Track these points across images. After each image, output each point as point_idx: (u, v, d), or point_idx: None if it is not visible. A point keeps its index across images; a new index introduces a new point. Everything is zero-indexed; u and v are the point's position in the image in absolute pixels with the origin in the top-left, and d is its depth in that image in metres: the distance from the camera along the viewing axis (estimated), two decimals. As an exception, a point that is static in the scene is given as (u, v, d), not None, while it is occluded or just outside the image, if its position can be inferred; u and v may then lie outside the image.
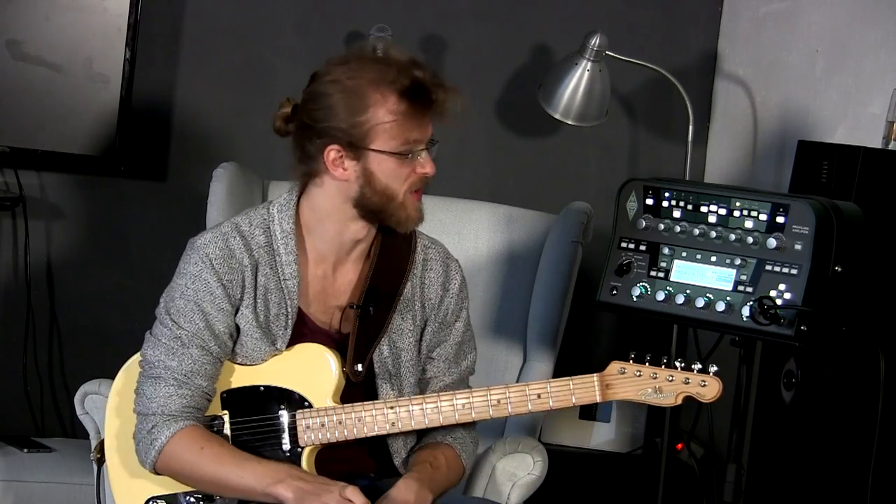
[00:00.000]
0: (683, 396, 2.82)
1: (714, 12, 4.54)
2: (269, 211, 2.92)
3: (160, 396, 2.83)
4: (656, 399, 2.83)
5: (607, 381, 2.84)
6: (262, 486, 2.76)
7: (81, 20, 3.96)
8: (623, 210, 3.23)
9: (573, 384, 2.84)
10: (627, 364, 2.84)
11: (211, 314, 2.86)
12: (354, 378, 2.87)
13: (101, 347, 4.14)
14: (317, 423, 2.85)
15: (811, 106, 4.11)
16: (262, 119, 4.25)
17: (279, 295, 2.89)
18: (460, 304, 3.00)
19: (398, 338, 2.93)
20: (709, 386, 2.80)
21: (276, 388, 2.88)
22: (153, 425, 2.82)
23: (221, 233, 2.90)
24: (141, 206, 4.20)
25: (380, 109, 2.80)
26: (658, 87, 4.38)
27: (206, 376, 2.85)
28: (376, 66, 2.82)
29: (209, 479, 2.82)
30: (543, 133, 4.45)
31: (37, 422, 4.15)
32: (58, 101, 3.97)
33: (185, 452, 2.81)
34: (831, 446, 3.34)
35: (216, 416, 2.88)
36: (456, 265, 3.01)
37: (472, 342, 3.04)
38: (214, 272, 2.86)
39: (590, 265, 3.79)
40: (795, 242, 3.03)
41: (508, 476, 3.15)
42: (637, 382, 2.83)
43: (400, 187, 2.83)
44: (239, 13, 4.23)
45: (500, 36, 4.41)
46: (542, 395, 2.84)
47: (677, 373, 2.81)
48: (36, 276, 4.10)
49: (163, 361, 2.84)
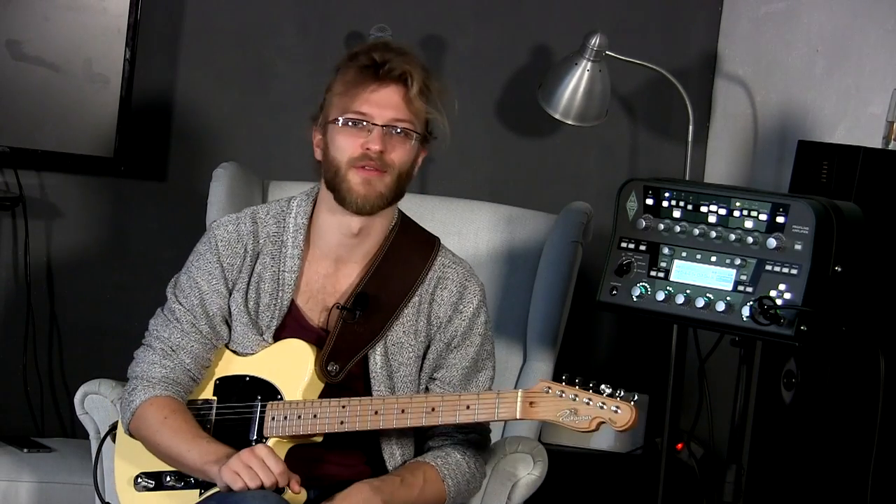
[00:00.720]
0: (598, 422, 2.71)
1: (714, 12, 4.54)
2: (290, 203, 2.98)
3: (145, 362, 2.91)
4: (572, 421, 2.72)
5: (531, 399, 2.75)
6: (200, 464, 2.79)
7: (81, 20, 3.96)
8: (623, 210, 3.23)
9: (499, 398, 2.77)
10: (553, 383, 2.74)
11: (207, 293, 2.92)
12: (327, 378, 2.87)
13: (101, 347, 4.14)
14: (281, 415, 2.86)
15: (811, 106, 4.11)
16: (262, 119, 4.28)
17: (273, 286, 2.91)
18: (472, 328, 2.96)
19: (397, 351, 2.92)
20: (621, 413, 2.69)
21: (259, 378, 2.91)
22: (133, 388, 2.91)
23: (236, 217, 2.98)
24: (141, 206, 4.20)
25: (337, 83, 2.87)
26: (658, 87, 4.38)
27: (192, 354, 2.90)
28: (355, 50, 2.89)
29: (164, 450, 2.86)
30: (543, 133, 4.45)
31: (37, 422, 4.15)
32: (57, 101, 3.96)
33: (150, 418, 2.87)
34: (831, 446, 3.34)
35: (207, 400, 2.94)
36: (475, 288, 2.98)
37: (488, 371, 3.00)
38: (217, 253, 2.93)
39: (590, 265, 3.79)
40: (795, 242, 3.02)
41: (508, 476, 3.15)
42: (557, 403, 2.73)
43: (342, 158, 2.85)
44: (239, 13, 4.23)
45: (500, 36, 4.41)
46: (471, 405, 2.78)
47: (594, 396, 2.71)
48: (36, 276, 4.10)
49: (157, 331, 2.94)
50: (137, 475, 2.94)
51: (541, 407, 2.74)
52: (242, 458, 2.72)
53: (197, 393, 2.95)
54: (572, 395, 2.73)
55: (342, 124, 2.84)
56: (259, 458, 2.72)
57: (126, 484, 2.95)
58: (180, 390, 2.91)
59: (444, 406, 2.80)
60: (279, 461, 2.73)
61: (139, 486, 2.93)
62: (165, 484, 2.91)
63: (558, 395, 2.73)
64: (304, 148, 4.13)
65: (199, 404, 2.94)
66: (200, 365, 2.92)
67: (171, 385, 2.90)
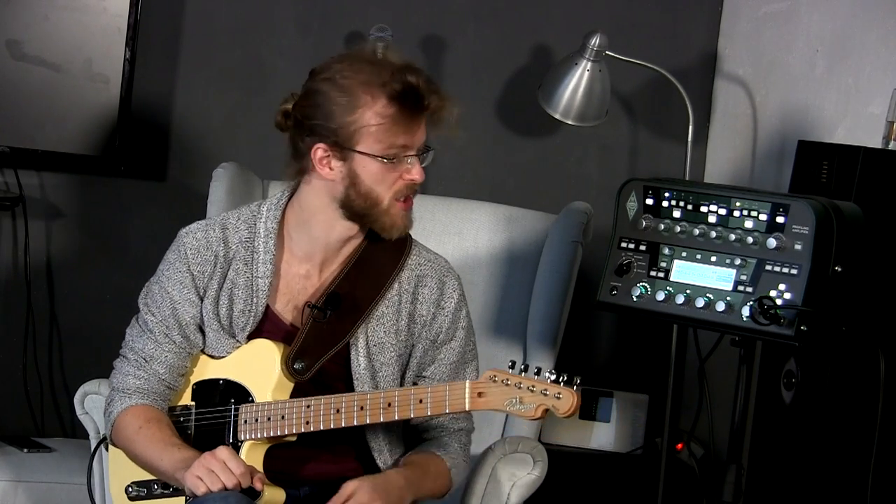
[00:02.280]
0: (543, 409, 2.67)
1: (714, 12, 4.54)
2: (260, 208, 2.95)
3: (121, 373, 2.93)
4: (518, 409, 2.68)
5: (479, 390, 2.71)
6: (172, 471, 2.80)
7: (81, 20, 3.96)
8: (623, 210, 3.23)
9: (449, 390, 2.75)
10: (500, 372, 2.71)
11: (178, 303, 2.91)
12: (295, 377, 2.86)
13: (101, 347, 4.13)
14: (252, 417, 2.86)
15: (811, 106, 4.11)
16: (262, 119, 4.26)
17: (247, 292, 2.90)
18: (455, 322, 2.96)
19: (379, 351, 2.91)
20: (563, 399, 2.65)
21: (232, 381, 2.90)
22: (111, 399, 2.93)
23: (205, 224, 2.96)
24: (141, 206, 4.20)
25: (368, 111, 2.78)
26: (658, 87, 4.38)
27: (166, 364, 2.90)
28: (370, 67, 2.81)
29: (141, 458, 2.88)
30: (543, 133, 4.45)
31: (37, 422, 4.15)
32: (57, 101, 3.97)
33: (127, 428, 2.88)
34: (831, 446, 3.34)
35: (186, 406, 2.94)
36: (454, 283, 2.97)
37: (474, 362, 3.00)
38: (187, 261, 2.92)
39: (590, 265, 3.79)
40: (795, 242, 3.02)
41: (508, 476, 3.15)
42: (504, 392, 2.69)
43: (385, 192, 2.82)
44: (239, 13, 4.23)
45: (500, 36, 4.41)
46: (423, 399, 2.76)
47: (538, 383, 2.67)
48: (36, 276, 4.10)
49: (132, 341, 2.95)
50: (129, 484, 2.94)
51: (489, 397, 2.71)
52: (203, 461, 2.73)
53: (176, 399, 2.95)
54: (517, 383, 2.69)
55: (387, 160, 2.80)
56: (220, 461, 2.72)
57: (120, 493, 2.96)
58: (157, 399, 2.91)
59: (398, 401, 2.78)
60: (240, 462, 2.74)
61: (131, 494, 2.94)
62: (154, 492, 2.91)
63: (504, 383, 2.70)
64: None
65: (179, 411, 2.94)
66: (176, 373, 2.92)
67: (146, 395, 2.90)
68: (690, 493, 4.00)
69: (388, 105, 2.78)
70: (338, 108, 2.80)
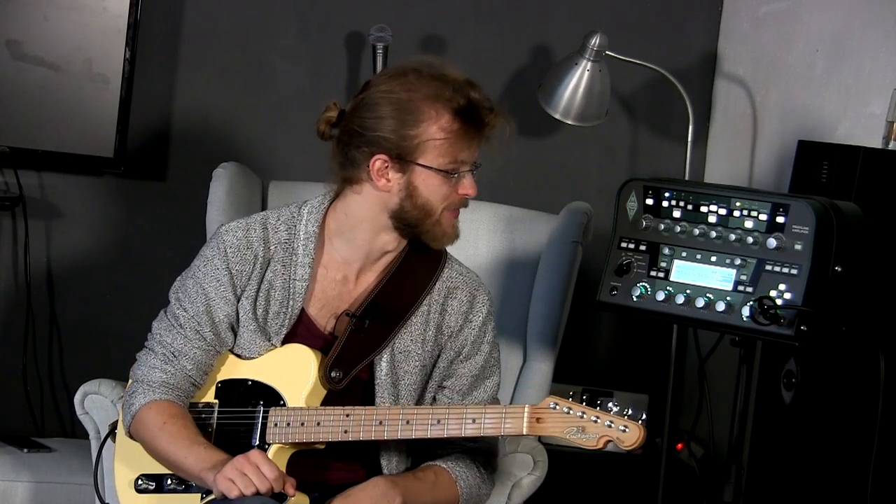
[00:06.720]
0: (605, 440, 2.74)
1: (714, 12, 4.54)
2: (301, 210, 2.95)
3: (146, 366, 2.90)
4: (579, 439, 2.74)
5: (538, 415, 2.76)
6: (197, 471, 2.79)
7: (81, 20, 3.96)
8: (623, 210, 3.23)
9: (506, 413, 2.78)
10: (560, 399, 2.76)
11: (213, 300, 2.90)
12: (330, 385, 2.86)
13: (101, 347, 4.14)
14: (284, 422, 2.85)
15: (811, 106, 4.11)
16: (262, 119, 4.28)
17: (284, 293, 2.90)
18: (481, 337, 2.98)
19: (403, 359, 2.92)
20: (629, 432, 2.72)
21: (261, 383, 2.90)
22: (134, 391, 2.90)
23: (246, 223, 2.95)
24: (141, 206, 4.20)
25: (432, 126, 2.82)
26: (658, 87, 4.38)
27: (194, 361, 2.89)
28: (433, 82, 2.83)
29: (162, 454, 2.86)
30: (543, 133, 4.44)
31: (37, 422, 4.15)
32: (57, 101, 3.96)
33: (149, 422, 2.86)
34: (831, 446, 3.34)
35: (208, 403, 2.93)
36: (484, 298, 3.00)
37: (495, 377, 3.01)
38: (226, 259, 2.91)
39: (590, 265, 3.79)
40: (795, 242, 3.02)
41: (508, 476, 3.15)
42: (565, 420, 2.74)
43: (439, 204, 2.85)
44: (239, 13, 4.23)
45: (500, 36, 4.41)
46: (476, 419, 2.79)
47: (602, 415, 2.73)
48: (36, 276, 4.10)
49: (160, 334, 2.92)
50: (138, 477, 2.93)
51: (548, 423, 2.76)
52: (237, 464, 2.72)
53: (198, 396, 2.94)
54: (580, 413, 2.74)
55: (448, 174, 2.84)
56: (253, 464, 2.72)
57: (126, 485, 2.94)
58: (181, 395, 2.90)
59: (449, 419, 2.80)
60: (273, 466, 2.73)
61: (139, 487, 2.92)
62: (166, 487, 2.90)
63: (565, 411, 2.75)
64: (304, 148, 4.15)
65: (200, 407, 2.93)
66: (202, 370, 2.91)
67: (171, 390, 2.89)
68: (690, 494, 4.00)
69: (453, 120, 2.82)
70: (401, 121, 2.81)
